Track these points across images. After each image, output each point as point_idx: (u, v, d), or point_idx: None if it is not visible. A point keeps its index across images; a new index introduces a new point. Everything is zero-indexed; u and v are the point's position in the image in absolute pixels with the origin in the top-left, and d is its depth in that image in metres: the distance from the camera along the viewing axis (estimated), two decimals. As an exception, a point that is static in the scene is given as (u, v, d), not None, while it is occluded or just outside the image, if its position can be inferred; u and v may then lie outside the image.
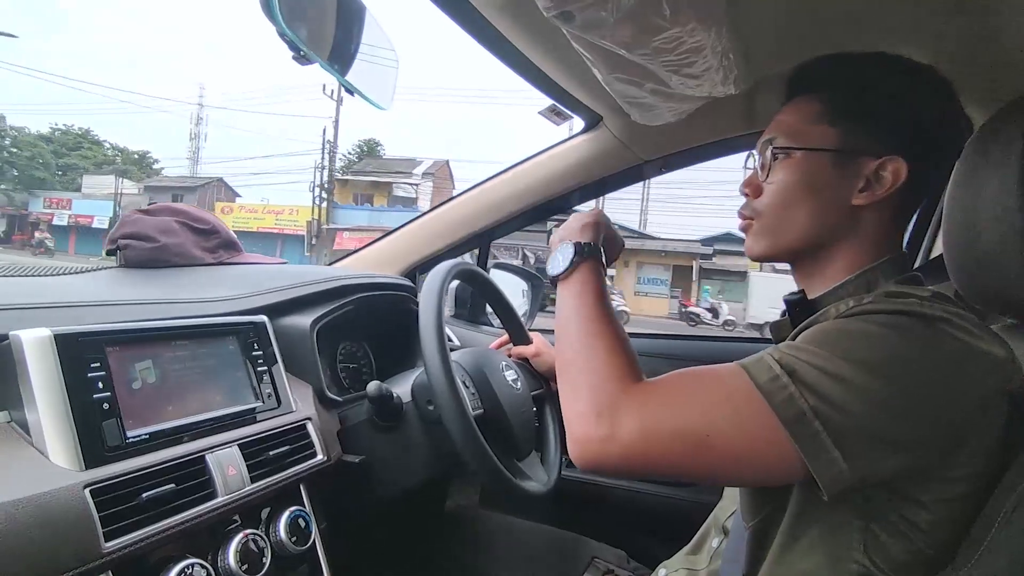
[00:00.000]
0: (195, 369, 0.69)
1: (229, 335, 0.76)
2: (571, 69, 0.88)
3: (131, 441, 0.58)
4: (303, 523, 0.71)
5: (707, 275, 20.10)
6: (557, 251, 0.69)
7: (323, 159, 19.19)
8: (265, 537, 0.67)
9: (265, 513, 0.70)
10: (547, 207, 1.30)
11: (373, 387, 0.81)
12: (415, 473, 0.85)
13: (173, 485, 0.59)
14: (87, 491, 0.52)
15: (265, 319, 0.81)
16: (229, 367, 0.74)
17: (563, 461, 1.01)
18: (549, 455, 1.00)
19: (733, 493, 0.76)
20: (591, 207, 0.99)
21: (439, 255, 1.34)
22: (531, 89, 0.96)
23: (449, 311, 1.49)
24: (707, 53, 0.67)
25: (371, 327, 1.11)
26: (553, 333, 0.65)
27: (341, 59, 0.76)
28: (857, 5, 0.71)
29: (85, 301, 0.69)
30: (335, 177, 20.74)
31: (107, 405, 0.58)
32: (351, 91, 0.78)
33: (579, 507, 1.21)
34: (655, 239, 20.44)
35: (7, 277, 0.77)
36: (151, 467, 0.58)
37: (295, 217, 21.98)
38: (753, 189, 0.66)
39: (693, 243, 20.24)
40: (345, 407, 0.90)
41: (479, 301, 1.48)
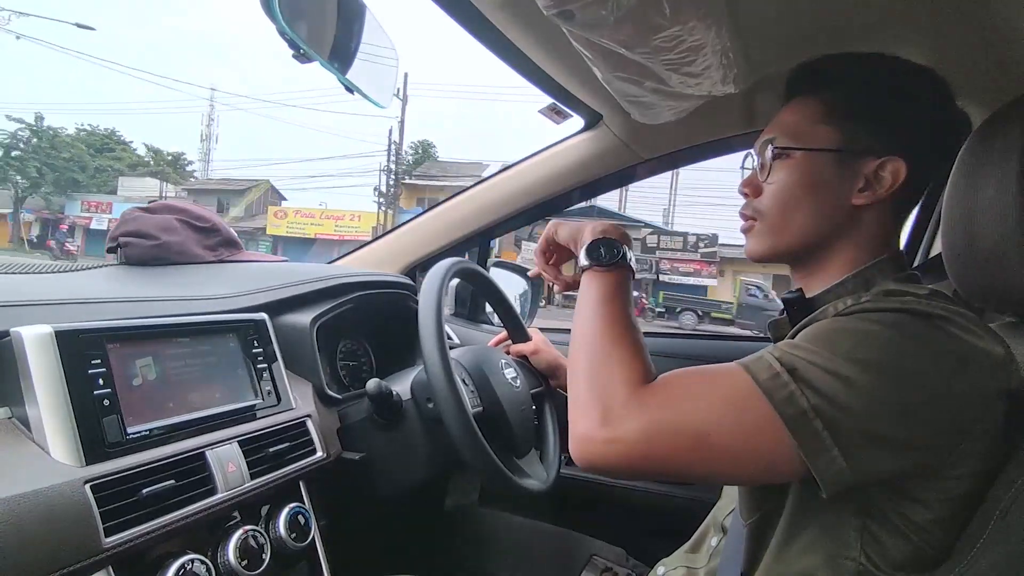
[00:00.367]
0: (195, 366, 0.70)
1: (229, 332, 0.76)
2: (571, 68, 0.88)
3: (131, 437, 0.59)
4: (303, 520, 0.72)
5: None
6: (600, 243, 0.65)
7: (389, 161, 18.10)
8: (265, 534, 0.67)
9: (265, 510, 0.71)
10: (547, 206, 1.30)
11: (373, 385, 0.81)
12: (414, 471, 0.85)
13: (173, 481, 0.59)
14: (87, 487, 0.52)
15: (265, 317, 0.82)
16: (229, 364, 0.74)
17: (562, 459, 1.01)
18: (548, 453, 1.00)
19: (732, 491, 0.76)
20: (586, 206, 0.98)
21: (439, 254, 1.34)
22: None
23: (448, 310, 1.49)
24: (707, 52, 0.67)
25: (371, 325, 1.11)
26: (552, 331, 0.65)
27: (341, 58, 0.77)
28: (857, 6, 0.71)
29: (86, 298, 0.69)
30: (401, 181, 19.38)
31: (108, 401, 0.58)
32: (350, 89, 0.79)
33: (578, 505, 1.22)
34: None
35: (8, 274, 0.77)
36: (151, 463, 0.58)
37: (356, 223, 20.68)
38: (753, 189, 0.66)
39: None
40: (345, 405, 0.90)
41: (478, 299, 1.48)
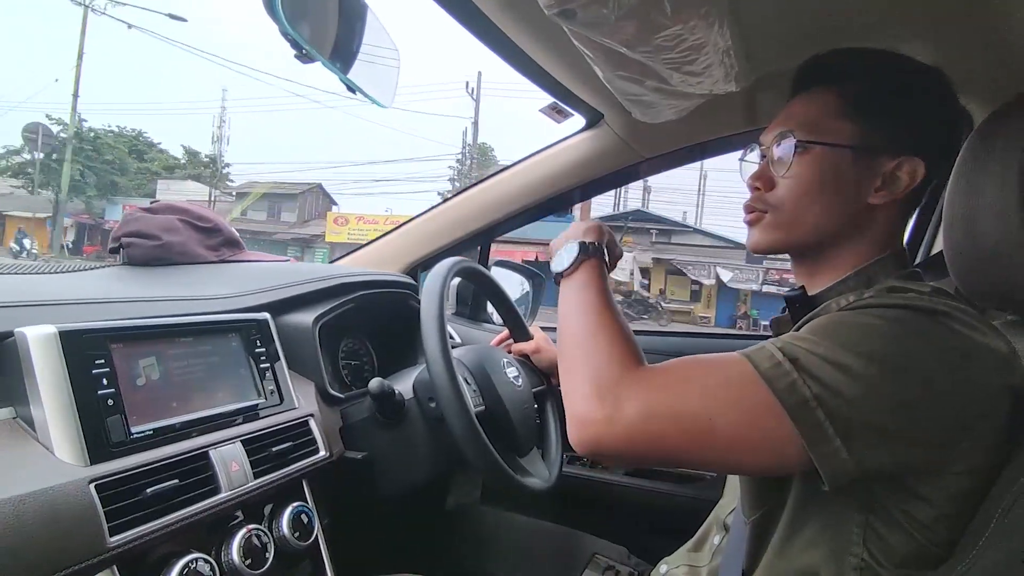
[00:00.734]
0: (198, 366, 0.70)
1: (232, 332, 0.77)
2: (572, 67, 0.88)
3: (135, 437, 0.59)
4: (306, 519, 0.72)
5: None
6: (562, 250, 0.68)
7: (468, 164, 17.63)
8: (268, 533, 0.67)
9: (268, 509, 0.71)
10: (548, 205, 1.30)
11: (375, 384, 0.81)
12: (417, 470, 0.85)
13: (177, 481, 0.59)
14: (92, 486, 0.52)
15: (268, 316, 0.82)
16: (232, 364, 0.75)
17: (564, 457, 1.01)
18: (550, 451, 1.00)
19: (734, 489, 0.76)
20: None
21: (440, 253, 1.34)
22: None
23: (450, 309, 1.49)
24: (708, 50, 0.67)
25: (373, 324, 1.11)
26: (554, 330, 0.65)
27: (343, 58, 0.77)
28: (858, 4, 0.71)
29: (89, 298, 0.70)
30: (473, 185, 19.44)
31: (111, 401, 0.58)
32: (352, 89, 0.79)
33: (580, 503, 1.22)
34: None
35: (12, 275, 0.78)
36: (155, 463, 0.59)
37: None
38: (765, 182, 0.64)
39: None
40: (347, 404, 0.90)
41: (480, 299, 1.48)
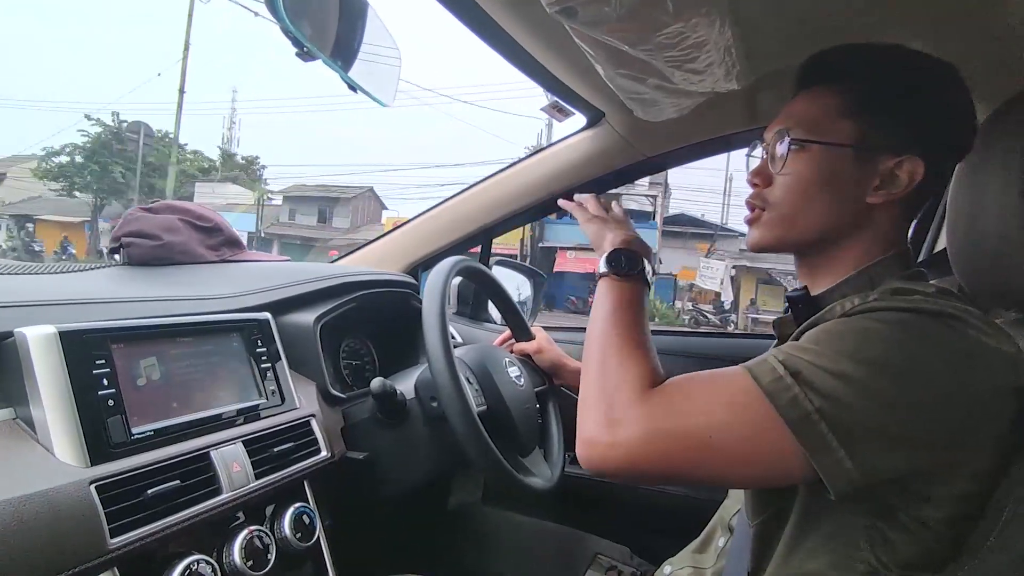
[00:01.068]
0: (199, 366, 0.70)
1: (233, 332, 0.76)
2: (573, 65, 0.88)
3: (136, 438, 0.59)
4: (307, 520, 0.72)
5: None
6: (620, 252, 0.67)
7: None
8: (270, 534, 0.67)
9: (270, 510, 0.71)
10: (549, 204, 1.29)
11: (377, 384, 0.81)
12: (419, 470, 0.85)
13: (178, 481, 0.59)
14: (93, 487, 0.52)
15: (269, 316, 0.82)
16: (233, 364, 0.74)
17: (566, 457, 1.01)
18: (552, 451, 1.00)
19: (737, 491, 0.76)
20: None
21: (441, 252, 1.33)
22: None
23: (451, 308, 1.49)
24: (710, 48, 0.67)
25: (374, 324, 1.11)
26: (555, 330, 0.65)
27: (344, 56, 0.76)
28: (858, 4, 0.71)
29: (89, 298, 0.69)
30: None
31: (112, 402, 0.58)
32: (353, 87, 0.78)
33: (583, 503, 1.21)
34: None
35: (12, 275, 0.77)
36: (156, 463, 0.58)
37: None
38: (763, 179, 0.64)
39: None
40: (349, 404, 0.90)
41: (481, 298, 1.48)
